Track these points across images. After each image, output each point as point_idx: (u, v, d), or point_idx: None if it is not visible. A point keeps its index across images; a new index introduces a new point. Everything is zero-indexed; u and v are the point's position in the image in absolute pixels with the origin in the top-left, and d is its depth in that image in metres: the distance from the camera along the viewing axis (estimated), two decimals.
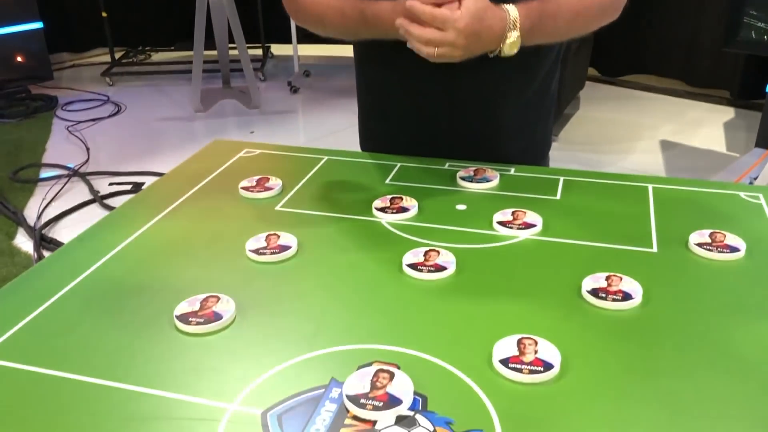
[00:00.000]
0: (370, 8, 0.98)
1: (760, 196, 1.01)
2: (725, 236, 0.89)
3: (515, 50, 0.94)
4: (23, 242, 2.59)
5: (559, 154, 3.17)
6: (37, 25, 4.35)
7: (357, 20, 1.00)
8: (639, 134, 3.51)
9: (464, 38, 0.88)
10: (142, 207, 1.04)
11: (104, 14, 4.61)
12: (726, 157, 3.19)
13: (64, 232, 2.63)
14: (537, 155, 1.19)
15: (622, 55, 4.24)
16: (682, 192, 1.04)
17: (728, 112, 3.79)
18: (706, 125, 3.62)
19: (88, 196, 2.93)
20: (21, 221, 2.71)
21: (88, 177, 3.11)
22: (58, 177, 3.13)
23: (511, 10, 0.92)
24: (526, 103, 1.13)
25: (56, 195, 2.95)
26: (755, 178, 2.41)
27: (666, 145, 3.36)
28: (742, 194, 1.02)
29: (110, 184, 3.04)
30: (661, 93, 4.10)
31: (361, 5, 0.99)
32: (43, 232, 2.63)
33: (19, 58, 4.34)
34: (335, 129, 3.48)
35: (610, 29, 1.04)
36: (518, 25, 0.92)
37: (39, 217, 2.74)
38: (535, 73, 1.11)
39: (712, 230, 0.90)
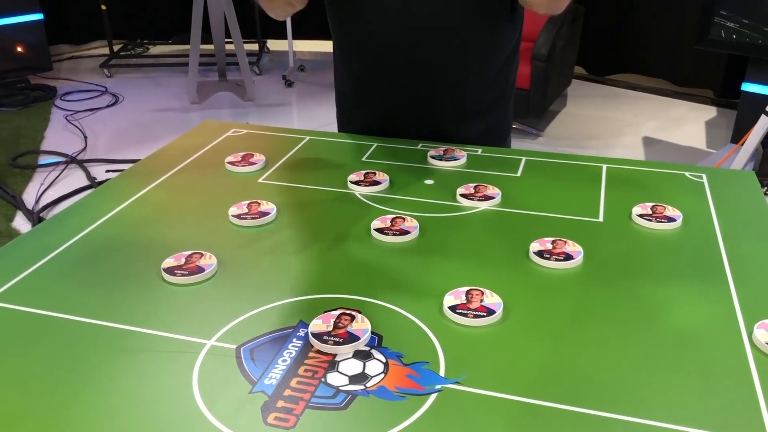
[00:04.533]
0: None
1: (704, 175, 1.10)
2: (665, 209, 0.98)
3: None
4: (21, 224, 2.67)
5: (543, 149, 3.25)
6: (38, 16, 4.43)
7: None
8: (622, 131, 3.61)
9: None
10: (133, 179, 1.12)
11: (103, 7, 4.69)
12: (705, 154, 3.29)
13: None
14: (498, 137, 1.29)
15: (609, 55, 4.33)
16: (633, 171, 1.13)
17: (711, 111, 3.89)
18: (688, 123, 3.72)
19: (86, 182, 3.02)
20: (20, 205, 2.79)
21: (86, 164, 3.19)
22: (56, 163, 3.21)
23: None
24: (487, 88, 1.22)
25: (54, 180, 3.03)
26: None
27: (648, 142, 3.45)
28: (687, 174, 1.11)
29: (107, 171, 3.13)
30: (646, 92, 4.19)
31: None
32: (41, 215, 2.71)
33: (19, 49, 4.42)
34: (328, 121, 3.56)
35: (597, 29, 1.13)
36: None
37: (37, 201, 2.83)
38: (494, 60, 1.20)
39: (654, 203, 0.99)
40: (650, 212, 0.97)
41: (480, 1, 1.12)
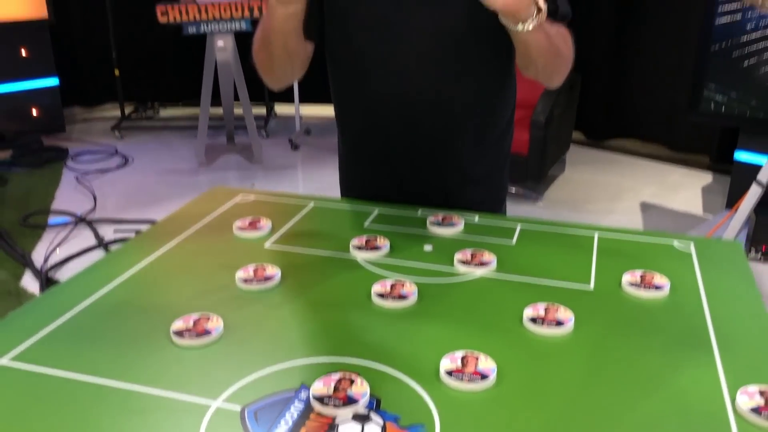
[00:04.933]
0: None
1: (691, 244, 1.15)
2: (654, 276, 1.02)
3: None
4: (29, 283, 2.71)
5: (542, 213, 3.32)
6: (53, 81, 4.60)
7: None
8: (620, 196, 3.68)
9: None
10: (146, 243, 1.17)
11: (117, 72, 4.87)
12: (701, 219, 3.34)
13: (70, 275, 2.76)
14: (494, 203, 1.35)
15: (607, 120, 4.45)
16: (624, 239, 1.18)
17: (707, 176, 3.96)
18: (685, 188, 3.79)
19: (94, 242, 3.07)
20: (28, 263, 2.84)
21: (94, 224, 3.26)
22: (65, 224, 3.27)
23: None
24: (483, 157, 1.29)
25: (63, 240, 3.09)
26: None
27: (645, 207, 3.51)
28: (675, 242, 1.16)
29: (115, 231, 3.19)
30: (643, 157, 4.29)
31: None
32: (49, 274, 2.76)
33: (34, 112, 4.56)
34: (332, 184, 3.64)
35: (594, 96, 1.20)
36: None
37: (46, 260, 2.88)
38: (488, 132, 1.28)
39: (643, 271, 1.03)
40: (639, 280, 1.01)
41: (475, 73, 1.20)
